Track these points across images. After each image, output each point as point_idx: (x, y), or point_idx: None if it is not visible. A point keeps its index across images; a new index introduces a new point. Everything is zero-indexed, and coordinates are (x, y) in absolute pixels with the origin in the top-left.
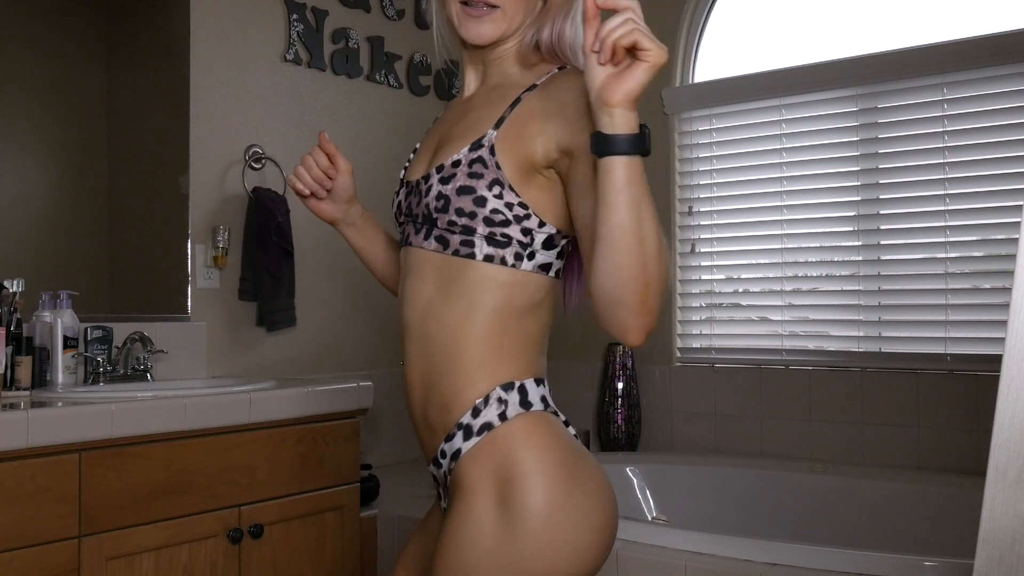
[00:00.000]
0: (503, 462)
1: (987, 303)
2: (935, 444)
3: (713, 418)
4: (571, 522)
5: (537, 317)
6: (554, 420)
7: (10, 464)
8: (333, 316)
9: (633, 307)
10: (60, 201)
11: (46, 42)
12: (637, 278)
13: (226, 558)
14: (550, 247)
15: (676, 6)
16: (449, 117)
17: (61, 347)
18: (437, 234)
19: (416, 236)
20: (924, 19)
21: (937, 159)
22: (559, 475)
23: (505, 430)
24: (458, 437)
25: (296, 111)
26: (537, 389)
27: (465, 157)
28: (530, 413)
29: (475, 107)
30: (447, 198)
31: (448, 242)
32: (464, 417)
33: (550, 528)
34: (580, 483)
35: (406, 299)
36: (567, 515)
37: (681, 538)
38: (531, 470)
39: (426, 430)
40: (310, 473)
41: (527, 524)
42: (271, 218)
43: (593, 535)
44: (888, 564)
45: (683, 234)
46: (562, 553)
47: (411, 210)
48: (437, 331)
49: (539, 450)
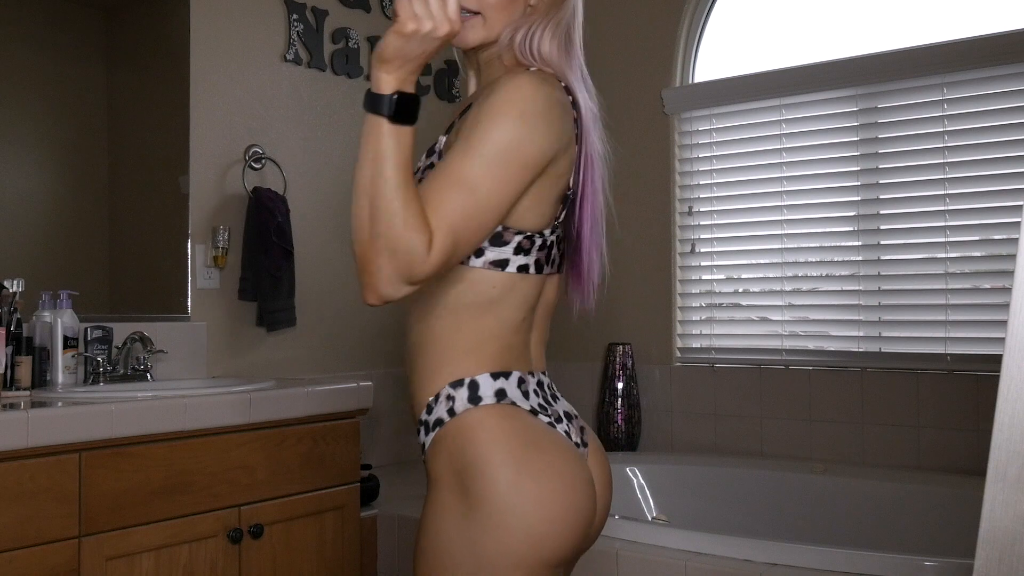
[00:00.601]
0: (454, 455)
1: (987, 303)
2: (935, 444)
3: (713, 418)
4: (521, 510)
5: (497, 313)
6: (508, 412)
7: (10, 464)
8: (333, 316)
9: (356, 263)
10: (60, 201)
11: (46, 42)
12: (354, 234)
13: (226, 558)
14: (500, 243)
15: (676, 6)
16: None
17: (61, 347)
18: None
19: None
20: (924, 19)
21: (937, 159)
22: (506, 466)
23: (453, 425)
24: (422, 432)
25: (296, 111)
26: (494, 383)
27: (423, 163)
28: (479, 407)
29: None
30: None
31: None
32: (423, 414)
33: (500, 515)
34: (530, 473)
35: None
36: (516, 503)
37: (681, 538)
38: (478, 462)
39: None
40: (310, 473)
41: (479, 511)
42: (271, 218)
43: (547, 524)
44: (888, 564)
45: (683, 234)
46: (515, 539)
47: None
48: (408, 332)
49: (484, 443)
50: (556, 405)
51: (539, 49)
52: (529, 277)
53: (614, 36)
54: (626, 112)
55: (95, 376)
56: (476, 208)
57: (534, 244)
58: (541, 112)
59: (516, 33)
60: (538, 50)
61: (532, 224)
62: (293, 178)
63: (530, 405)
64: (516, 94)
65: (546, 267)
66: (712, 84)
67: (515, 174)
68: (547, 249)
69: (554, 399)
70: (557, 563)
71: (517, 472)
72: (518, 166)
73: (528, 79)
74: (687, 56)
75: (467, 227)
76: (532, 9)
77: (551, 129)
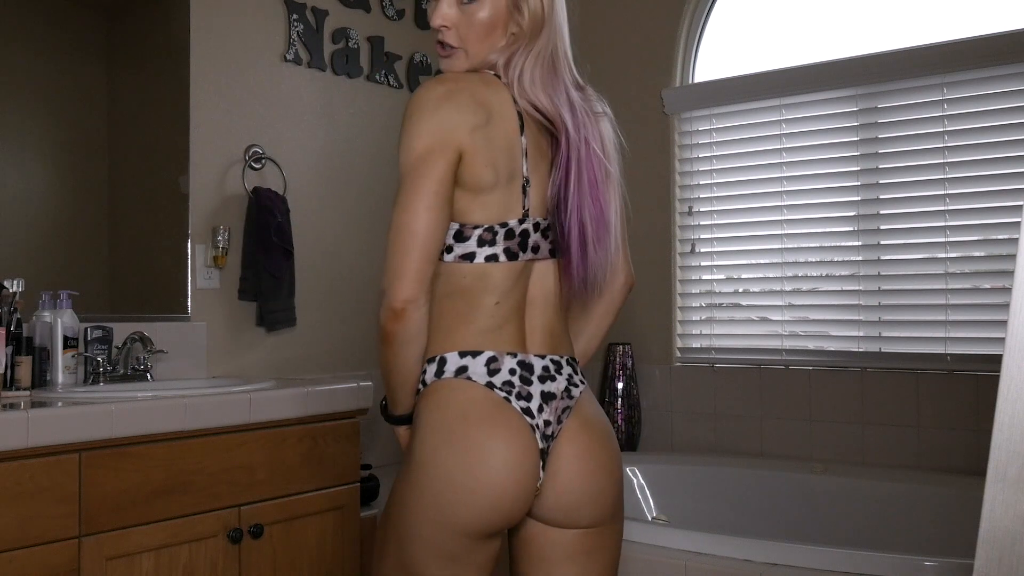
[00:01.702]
0: (414, 419)
1: (987, 303)
2: (935, 444)
3: (713, 418)
4: (436, 474)
5: (469, 299)
6: (458, 384)
7: (10, 464)
8: (333, 316)
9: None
10: (60, 201)
11: (46, 42)
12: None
13: (226, 558)
14: (462, 239)
15: (676, 6)
16: None
17: (61, 347)
18: None
19: None
20: (924, 19)
21: (937, 159)
22: (435, 433)
23: (421, 394)
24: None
25: (296, 111)
26: (460, 360)
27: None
28: (440, 380)
29: None
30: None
31: None
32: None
33: (419, 475)
34: (454, 444)
35: None
36: (433, 468)
37: (681, 538)
38: (417, 426)
39: None
40: (310, 473)
41: (407, 469)
42: (271, 218)
43: (457, 493)
44: (888, 564)
45: (683, 234)
46: (425, 499)
47: None
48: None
49: (427, 411)
50: (541, 385)
51: (522, 78)
52: (500, 265)
53: (614, 36)
54: (626, 112)
55: (95, 376)
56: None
57: (496, 235)
58: (419, 109)
59: (505, 64)
60: (519, 79)
61: (484, 218)
62: (293, 178)
63: (488, 380)
64: (411, 103)
65: (522, 254)
66: (712, 84)
67: (422, 180)
68: (518, 238)
69: (543, 380)
70: (468, 532)
71: (443, 442)
72: (422, 172)
73: (423, 87)
74: (687, 56)
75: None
76: (514, 37)
77: (433, 119)
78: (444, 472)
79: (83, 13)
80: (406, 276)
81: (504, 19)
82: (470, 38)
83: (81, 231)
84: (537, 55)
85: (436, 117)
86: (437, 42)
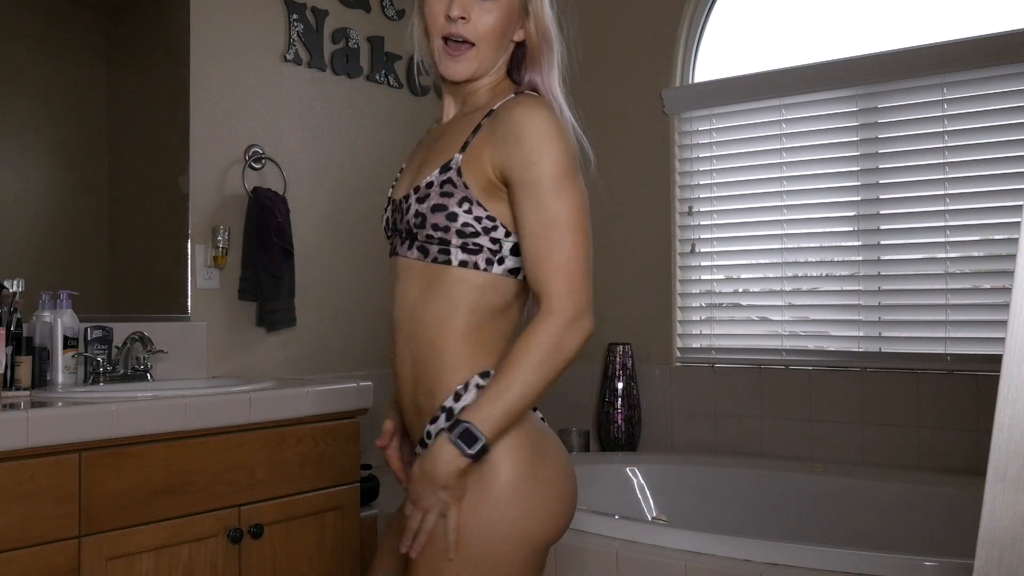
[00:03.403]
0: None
1: (987, 303)
2: (935, 444)
3: (713, 418)
4: (536, 491)
5: (508, 316)
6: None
7: (10, 464)
8: (333, 316)
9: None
10: (60, 201)
11: (46, 42)
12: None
13: (226, 558)
14: (518, 254)
15: (676, 6)
16: (428, 141)
17: (61, 347)
18: (418, 244)
19: (401, 247)
20: (924, 19)
21: (937, 159)
22: (524, 451)
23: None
24: (442, 418)
25: (296, 111)
26: None
27: (436, 179)
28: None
29: (448, 132)
30: (423, 215)
31: (428, 251)
32: (447, 401)
33: (516, 497)
34: (543, 458)
35: (395, 301)
36: (533, 485)
37: (681, 538)
38: (501, 447)
39: (415, 414)
40: (310, 473)
41: (496, 492)
42: (271, 218)
43: (556, 502)
44: (888, 564)
45: (683, 234)
46: (527, 517)
47: (396, 225)
48: (423, 328)
49: (521, 435)
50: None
51: (553, 92)
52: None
53: (614, 36)
54: (626, 112)
55: (95, 376)
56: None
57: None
58: (559, 127)
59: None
60: (551, 92)
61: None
62: (293, 178)
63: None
64: (551, 126)
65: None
66: (712, 84)
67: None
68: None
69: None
70: (559, 536)
71: (533, 457)
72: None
73: (545, 108)
74: (687, 56)
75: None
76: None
77: (568, 138)
78: (543, 487)
79: (83, 13)
80: (590, 300)
81: (513, 24)
82: (487, 36)
83: (81, 231)
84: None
85: (569, 137)
86: (444, 40)
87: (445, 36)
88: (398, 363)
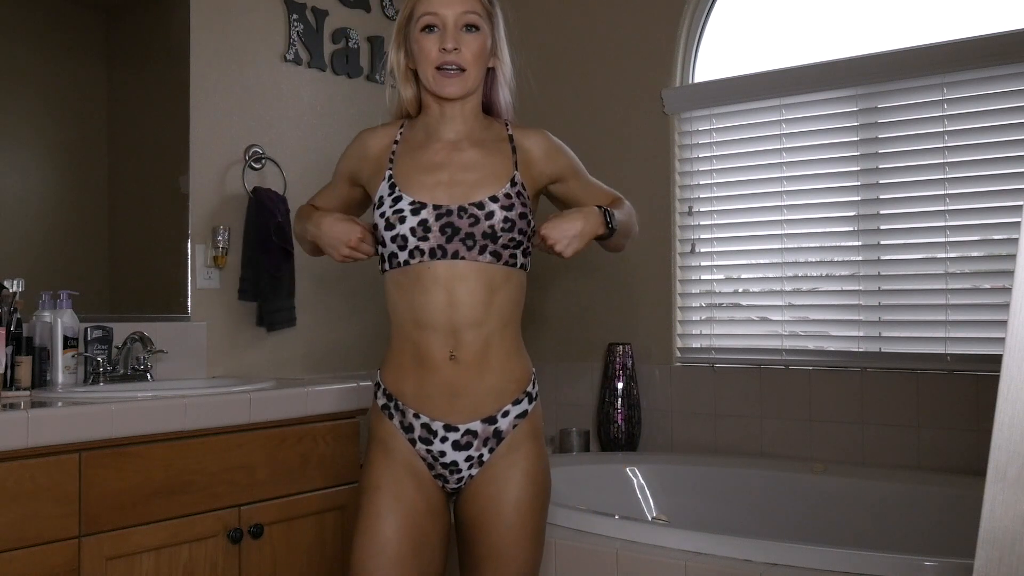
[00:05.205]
0: (536, 424)
1: (987, 303)
2: (935, 444)
3: (713, 418)
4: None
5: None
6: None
7: (10, 464)
8: (333, 316)
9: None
10: (60, 201)
11: (46, 42)
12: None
13: (226, 558)
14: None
15: (676, 6)
16: (436, 158)
17: (61, 347)
18: (493, 249)
19: (469, 252)
20: (924, 19)
21: (937, 159)
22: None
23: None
24: (525, 401)
25: (296, 111)
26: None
27: (512, 191)
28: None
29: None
30: (512, 221)
31: (501, 255)
32: (528, 387)
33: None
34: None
35: (458, 302)
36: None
37: (681, 538)
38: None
39: (488, 397)
40: (310, 473)
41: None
42: (271, 218)
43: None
44: (888, 564)
45: (683, 234)
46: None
47: (454, 228)
48: (495, 323)
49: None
50: None
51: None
52: None
53: (614, 36)
54: (626, 112)
55: (95, 376)
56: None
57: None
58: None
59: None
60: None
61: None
62: (293, 178)
63: None
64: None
65: None
66: (712, 84)
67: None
68: None
69: None
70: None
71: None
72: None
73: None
74: (687, 56)
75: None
76: (494, 73)
77: None
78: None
79: (83, 13)
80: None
81: (488, 51)
82: (474, 61)
83: (81, 231)
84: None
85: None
86: (442, 68)
87: (439, 66)
88: (463, 354)
